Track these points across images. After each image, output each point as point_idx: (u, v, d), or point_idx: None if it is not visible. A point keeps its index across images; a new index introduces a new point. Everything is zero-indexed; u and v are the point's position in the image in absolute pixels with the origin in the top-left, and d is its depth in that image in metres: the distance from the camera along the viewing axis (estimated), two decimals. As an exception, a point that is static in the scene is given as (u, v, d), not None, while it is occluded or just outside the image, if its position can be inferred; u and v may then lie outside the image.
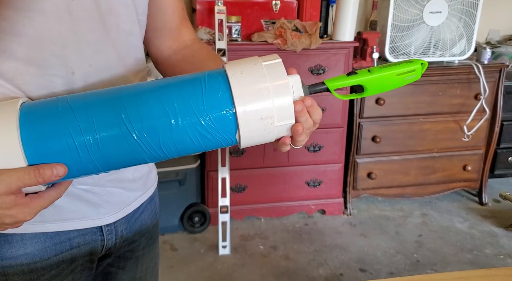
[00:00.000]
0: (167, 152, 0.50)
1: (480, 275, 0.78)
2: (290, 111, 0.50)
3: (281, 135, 0.53)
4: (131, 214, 0.71)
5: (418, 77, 0.54)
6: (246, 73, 0.50)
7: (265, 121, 0.50)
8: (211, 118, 0.49)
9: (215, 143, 0.51)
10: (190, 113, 0.49)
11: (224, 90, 0.49)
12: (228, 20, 2.05)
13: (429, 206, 2.54)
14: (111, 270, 0.74)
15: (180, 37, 0.74)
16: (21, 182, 0.47)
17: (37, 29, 0.52)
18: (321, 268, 1.97)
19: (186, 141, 0.49)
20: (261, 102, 0.49)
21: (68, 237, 0.63)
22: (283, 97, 0.50)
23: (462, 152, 2.46)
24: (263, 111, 0.49)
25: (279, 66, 0.51)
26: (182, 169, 2.11)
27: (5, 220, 0.48)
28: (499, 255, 2.09)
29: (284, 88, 0.50)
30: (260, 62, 0.51)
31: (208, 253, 2.08)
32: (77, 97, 0.51)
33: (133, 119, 0.48)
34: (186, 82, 0.51)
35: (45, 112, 0.49)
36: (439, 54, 2.31)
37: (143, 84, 0.52)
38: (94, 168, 0.50)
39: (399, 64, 0.55)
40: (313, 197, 2.38)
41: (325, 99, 2.21)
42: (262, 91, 0.49)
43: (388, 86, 0.54)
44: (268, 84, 0.50)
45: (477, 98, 2.34)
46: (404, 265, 2.01)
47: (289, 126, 0.52)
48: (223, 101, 0.49)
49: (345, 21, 2.16)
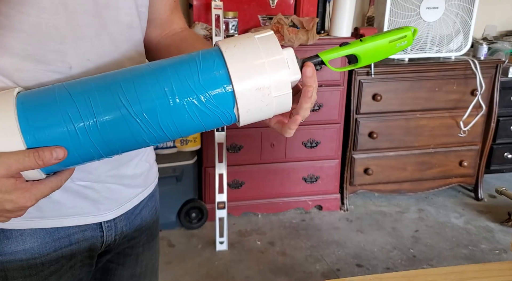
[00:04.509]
0: (167, 131, 0.50)
1: (476, 269, 0.79)
2: (286, 83, 0.50)
3: (279, 110, 0.52)
4: (131, 210, 0.71)
5: (410, 44, 0.54)
6: (240, 46, 0.50)
7: (262, 92, 0.49)
8: (208, 93, 0.49)
9: (214, 119, 0.51)
10: (188, 90, 0.49)
11: (219, 64, 0.49)
12: (225, 16, 2.05)
13: (425, 202, 2.55)
14: (110, 266, 0.74)
15: (170, 26, 0.74)
16: (20, 164, 0.46)
17: (33, 24, 0.52)
18: (318, 264, 1.98)
19: (185, 119, 0.49)
20: (257, 73, 0.49)
21: (67, 233, 0.63)
22: (280, 70, 0.50)
23: (459, 147, 2.47)
24: (259, 82, 0.49)
25: (272, 38, 0.51)
26: (179, 165, 2.11)
27: (6, 206, 0.48)
28: (495, 250, 2.10)
29: (279, 59, 0.50)
30: (252, 36, 0.51)
31: (205, 249, 2.08)
32: (74, 83, 0.51)
33: (131, 101, 0.48)
34: (181, 61, 0.51)
35: (43, 98, 0.49)
36: (435, 50, 2.32)
37: (139, 67, 0.52)
38: (95, 152, 0.50)
39: (390, 31, 0.55)
40: (310, 192, 2.39)
41: (322, 96, 2.21)
42: (256, 61, 0.49)
43: (381, 55, 0.54)
44: (263, 54, 0.50)
45: (473, 94, 2.35)
46: (401, 260, 2.02)
47: (287, 99, 0.51)
48: (219, 74, 0.49)
49: (342, 17, 2.16)
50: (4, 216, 0.49)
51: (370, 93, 2.27)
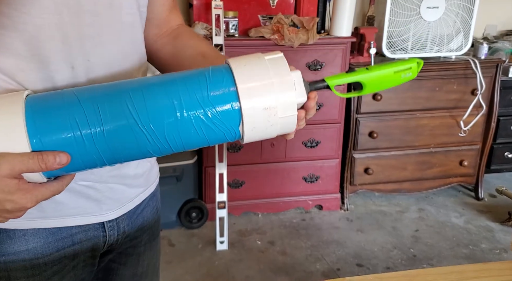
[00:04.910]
0: (172, 144, 0.51)
1: (476, 269, 0.79)
2: (293, 105, 0.51)
3: (283, 131, 0.53)
4: (133, 210, 0.71)
5: (414, 76, 0.55)
6: (250, 65, 0.51)
7: (269, 112, 0.50)
8: (215, 109, 0.50)
9: (219, 135, 0.51)
10: (196, 104, 0.49)
11: (228, 81, 0.50)
12: (225, 16, 2.05)
13: (425, 201, 2.55)
14: (112, 266, 0.74)
15: (168, 25, 0.74)
16: (24, 165, 0.47)
17: (35, 25, 0.52)
18: (318, 263, 1.98)
19: (191, 132, 0.50)
20: (265, 93, 0.50)
21: (70, 233, 0.63)
22: (287, 91, 0.51)
23: (459, 147, 2.47)
24: (267, 101, 0.50)
25: (281, 60, 0.52)
26: (180, 165, 2.12)
27: (6, 206, 0.48)
28: (495, 249, 2.10)
29: (287, 81, 0.51)
30: (262, 56, 0.52)
31: (206, 248, 2.08)
32: (83, 90, 0.51)
33: (140, 111, 0.49)
34: (192, 75, 0.51)
35: (51, 103, 0.49)
36: (436, 49, 2.32)
37: (149, 78, 0.53)
38: (98, 159, 0.50)
39: (396, 62, 0.56)
40: (310, 192, 2.39)
41: (322, 95, 2.21)
42: (265, 81, 0.50)
43: (386, 84, 0.55)
44: (272, 75, 0.50)
45: (473, 94, 2.35)
46: (401, 259, 2.02)
47: (292, 121, 0.52)
48: (228, 91, 0.50)
49: (342, 16, 2.16)
50: (2, 216, 0.49)
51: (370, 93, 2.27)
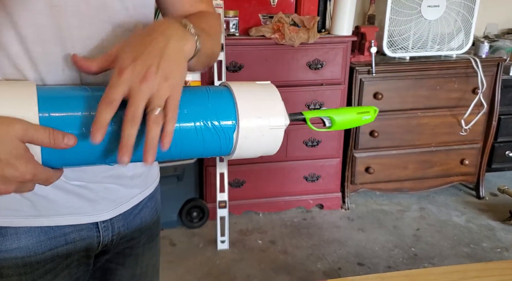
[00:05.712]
0: (165, 152, 0.51)
1: (478, 268, 0.79)
2: (281, 128, 0.57)
3: (267, 152, 0.58)
4: (130, 210, 0.70)
5: (372, 119, 0.66)
6: (245, 84, 0.58)
7: (261, 131, 0.55)
8: (212, 122, 0.53)
9: (211, 147, 0.55)
10: (195, 117, 0.52)
11: (227, 96, 0.55)
12: (226, 15, 2.04)
13: (426, 200, 2.55)
14: (110, 266, 0.74)
15: None
16: (36, 132, 0.46)
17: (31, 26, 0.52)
18: (319, 263, 1.98)
19: (185, 142, 0.53)
20: (260, 114, 0.55)
21: (63, 232, 0.63)
22: (278, 112, 0.56)
23: (460, 146, 2.47)
24: (260, 121, 0.55)
25: (270, 86, 0.58)
26: (180, 164, 2.11)
27: (5, 171, 0.45)
28: (496, 248, 2.10)
29: (279, 104, 0.56)
30: (254, 82, 0.59)
31: (207, 248, 2.08)
32: (95, 87, 0.53)
33: None
34: (194, 90, 0.55)
35: (61, 90, 0.52)
36: (437, 48, 2.31)
37: None
38: (95, 159, 0.51)
39: (358, 107, 0.66)
40: (311, 191, 2.39)
41: (323, 94, 2.21)
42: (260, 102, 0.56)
43: (350, 123, 0.64)
44: (265, 97, 0.56)
45: (474, 93, 2.34)
46: (402, 259, 2.02)
47: (278, 143, 0.57)
48: (227, 107, 0.54)
49: (343, 15, 2.15)
50: None
51: (371, 91, 2.27)
